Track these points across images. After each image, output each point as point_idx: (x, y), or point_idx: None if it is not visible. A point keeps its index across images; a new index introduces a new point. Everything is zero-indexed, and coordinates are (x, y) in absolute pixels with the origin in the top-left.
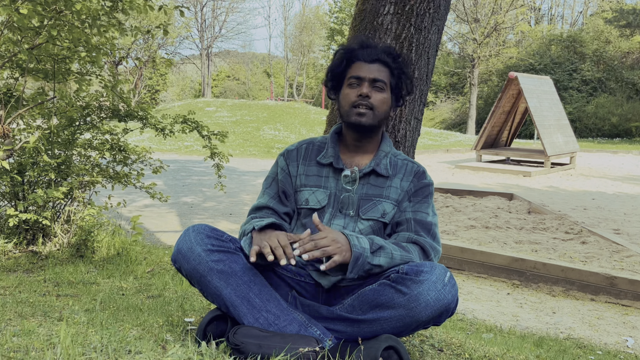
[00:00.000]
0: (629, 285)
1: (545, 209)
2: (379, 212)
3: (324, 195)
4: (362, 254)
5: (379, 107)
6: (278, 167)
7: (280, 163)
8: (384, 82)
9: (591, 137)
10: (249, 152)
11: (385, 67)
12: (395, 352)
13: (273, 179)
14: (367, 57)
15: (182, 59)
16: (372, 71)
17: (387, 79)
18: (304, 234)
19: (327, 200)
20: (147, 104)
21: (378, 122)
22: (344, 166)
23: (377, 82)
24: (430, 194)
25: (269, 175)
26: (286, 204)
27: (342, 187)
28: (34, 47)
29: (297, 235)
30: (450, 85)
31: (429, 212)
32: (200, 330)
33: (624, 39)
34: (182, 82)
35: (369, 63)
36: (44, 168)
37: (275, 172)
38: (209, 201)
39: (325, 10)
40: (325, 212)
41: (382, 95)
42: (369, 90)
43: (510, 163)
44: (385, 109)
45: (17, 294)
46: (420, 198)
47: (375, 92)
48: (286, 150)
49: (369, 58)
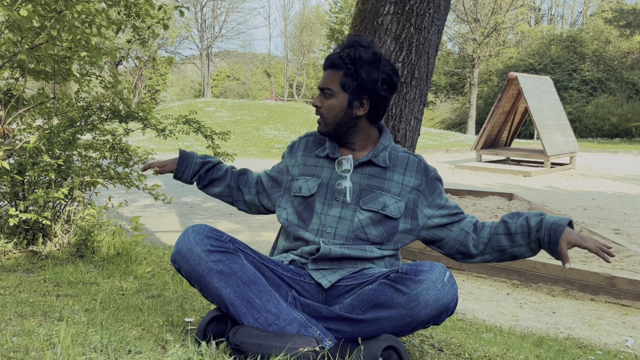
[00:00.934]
0: (629, 285)
1: (545, 209)
2: (379, 205)
3: (314, 183)
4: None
5: (326, 114)
6: (283, 159)
7: (285, 156)
8: (329, 88)
9: (591, 137)
10: (249, 152)
11: (337, 70)
12: (395, 351)
13: (276, 165)
14: (324, 65)
15: (182, 59)
16: (322, 80)
17: (338, 82)
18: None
19: (317, 189)
20: (147, 104)
21: (334, 127)
22: (339, 155)
23: (324, 91)
24: (440, 187)
25: (278, 164)
26: (270, 184)
27: (338, 175)
28: (34, 47)
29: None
30: (450, 85)
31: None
32: (200, 330)
33: (624, 39)
34: (182, 82)
35: (324, 71)
36: (44, 168)
37: (281, 162)
38: (209, 201)
39: (325, 10)
40: (316, 200)
41: (328, 101)
42: (320, 100)
43: (510, 163)
44: (335, 113)
45: (17, 294)
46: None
47: (325, 99)
48: (292, 143)
49: (325, 67)
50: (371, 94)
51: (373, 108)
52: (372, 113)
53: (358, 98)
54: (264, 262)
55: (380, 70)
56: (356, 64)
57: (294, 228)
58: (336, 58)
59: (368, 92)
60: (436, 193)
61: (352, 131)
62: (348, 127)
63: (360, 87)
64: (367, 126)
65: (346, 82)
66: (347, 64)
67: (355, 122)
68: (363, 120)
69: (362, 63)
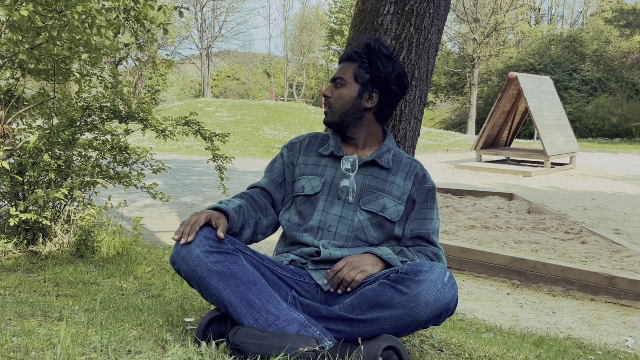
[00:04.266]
0: (629, 285)
1: (545, 209)
2: (379, 206)
3: (318, 182)
4: (391, 258)
5: (334, 103)
6: (282, 157)
7: (284, 153)
8: (342, 78)
9: (591, 137)
10: (249, 152)
11: (352, 63)
12: (395, 352)
13: (276, 166)
14: (340, 59)
15: (182, 59)
16: (336, 72)
17: (351, 72)
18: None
19: (321, 187)
20: (148, 104)
21: (340, 116)
22: (344, 154)
23: (336, 80)
24: (432, 199)
25: (273, 163)
26: (281, 192)
27: (342, 174)
28: (34, 47)
29: (221, 219)
30: (450, 85)
31: (432, 218)
32: (200, 330)
33: (624, 39)
34: (182, 82)
35: (339, 64)
36: (44, 168)
37: (279, 161)
38: (209, 201)
39: (325, 10)
40: (319, 198)
41: (339, 91)
42: (330, 90)
43: (510, 163)
44: (343, 102)
45: (17, 294)
46: (421, 203)
47: (336, 89)
48: (290, 143)
49: (340, 60)
50: (382, 88)
51: (381, 103)
52: (379, 109)
53: (368, 90)
54: (264, 262)
55: (395, 65)
56: (373, 55)
57: (293, 232)
58: (352, 52)
59: (379, 85)
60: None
61: (357, 124)
62: (354, 118)
63: (373, 80)
64: (372, 122)
65: (359, 73)
66: (363, 57)
67: (362, 114)
68: (370, 115)
69: (379, 55)
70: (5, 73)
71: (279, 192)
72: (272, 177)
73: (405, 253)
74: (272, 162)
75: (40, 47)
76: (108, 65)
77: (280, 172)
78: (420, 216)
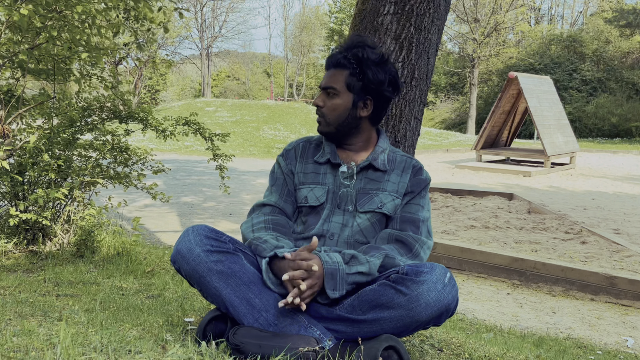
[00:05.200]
0: (629, 285)
1: (545, 209)
2: (375, 204)
3: (322, 191)
4: (337, 268)
5: (328, 114)
6: (280, 168)
7: (281, 163)
8: (333, 87)
9: (591, 137)
10: (249, 152)
11: (342, 69)
12: (395, 352)
13: (278, 178)
14: (327, 65)
15: (182, 59)
16: (326, 79)
17: (342, 81)
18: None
19: (326, 197)
20: (148, 104)
21: (336, 127)
22: (341, 161)
23: (327, 90)
24: (424, 189)
25: (274, 174)
26: (291, 203)
27: (340, 183)
28: (34, 47)
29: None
30: (450, 85)
31: (423, 205)
32: (200, 330)
33: (624, 39)
34: (182, 82)
35: (327, 70)
36: (44, 168)
37: (279, 171)
38: (209, 201)
39: (325, 11)
40: (324, 208)
41: (332, 101)
42: (322, 100)
43: (510, 163)
44: (338, 113)
45: (17, 294)
46: (415, 193)
47: (328, 99)
48: (285, 151)
49: (328, 66)
50: (376, 95)
51: (376, 109)
52: (374, 114)
53: (363, 99)
54: None
55: (386, 71)
56: (363, 64)
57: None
58: (341, 58)
59: (373, 93)
60: (416, 191)
61: (354, 132)
62: (350, 127)
63: (366, 88)
64: (368, 127)
65: (352, 82)
66: (353, 64)
67: (358, 123)
68: (365, 122)
69: (369, 64)
70: (5, 73)
71: (290, 205)
72: (278, 191)
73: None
74: (272, 175)
75: (40, 47)
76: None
77: (283, 183)
78: (413, 202)
